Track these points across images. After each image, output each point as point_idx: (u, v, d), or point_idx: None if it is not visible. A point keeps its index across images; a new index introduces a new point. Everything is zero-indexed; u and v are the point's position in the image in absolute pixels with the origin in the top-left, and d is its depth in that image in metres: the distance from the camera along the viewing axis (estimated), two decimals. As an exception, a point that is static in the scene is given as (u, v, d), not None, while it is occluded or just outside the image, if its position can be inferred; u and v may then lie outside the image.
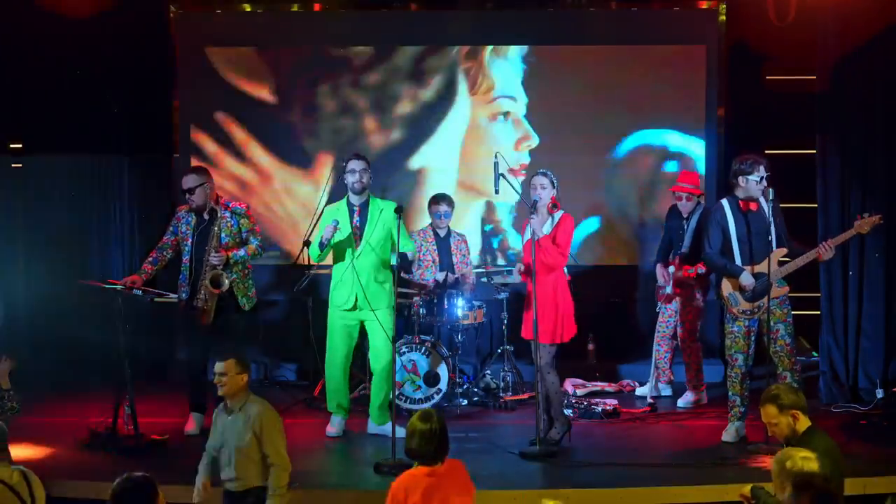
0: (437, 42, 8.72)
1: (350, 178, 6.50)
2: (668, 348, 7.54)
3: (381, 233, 6.47)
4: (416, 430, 4.28)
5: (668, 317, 7.49)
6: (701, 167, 8.56)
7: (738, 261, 6.30)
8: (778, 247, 6.21)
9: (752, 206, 6.27)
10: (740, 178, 6.26)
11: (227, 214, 6.57)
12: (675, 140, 8.63)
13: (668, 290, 7.38)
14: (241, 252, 6.56)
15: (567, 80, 8.65)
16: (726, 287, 6.36)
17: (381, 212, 6.48)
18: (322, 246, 6.38)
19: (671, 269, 7.35)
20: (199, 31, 8.71)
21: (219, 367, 4.82)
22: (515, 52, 8.72)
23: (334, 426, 6.62)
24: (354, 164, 6.51)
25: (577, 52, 8.64)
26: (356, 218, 6.51)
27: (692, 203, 7.37)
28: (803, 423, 4.47)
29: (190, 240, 6.58)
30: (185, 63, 8.70)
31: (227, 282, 6.47)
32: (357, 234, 6.48)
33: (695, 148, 8.62)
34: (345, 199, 6.60)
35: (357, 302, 6.44)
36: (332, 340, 6.58)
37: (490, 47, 8.72)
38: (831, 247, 6.18)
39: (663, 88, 8.57)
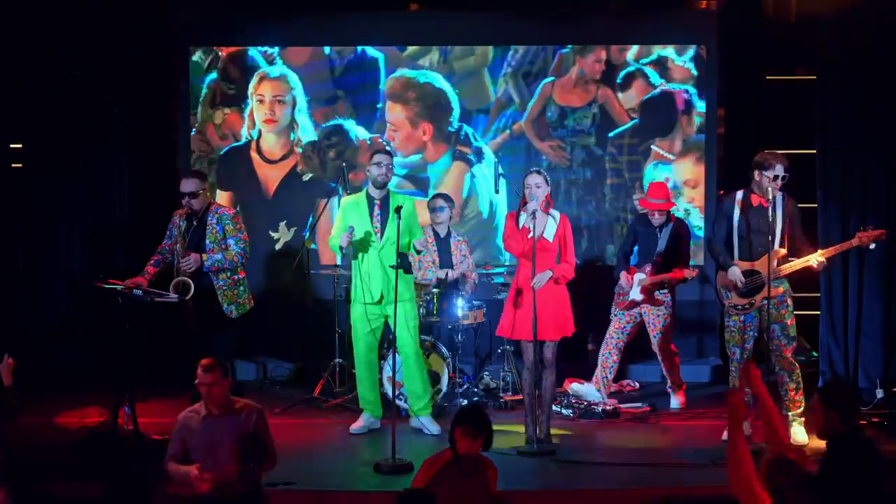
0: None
1: (375, 171, 6.40)
2: (617, 358, 7.34)
3: (401, 227, 6.42)
4: None
5: (624, 323, 7.35)
6: (701, 167, 8.58)
7: (736, 254, 6.28)
8: (780, 247, 6.17)
9: (763, 203, 6.18)
10: (756, 172, 6.19)
11: (214, 220, 6.58)
12: (674, 140, 8.62)
13: (635, 296, 7.20)
14: (219, 256, 6.52)
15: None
16: (720, 280, 6.37)
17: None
18: (341, 250, 6.41)
19: (640, 276, 7.19)
20: (202, 29, 8.71)
21: (206, 377, 4.66)
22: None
23: (362, 421, 6.64)
24: (381, 157, 6.42)
25: (576, 51, 8.64)
26: (377, 212, 6.46)
27: (664, 217, 7.23)
28: None
29: (179, 244, 6.59)
30: (185, 61, 8.69)
31: (192, 290, 6.44)
32: (378, 229, 6.45)
33: (694, 148, 8.61)
34: (364, 193, 6.53)
35: (383, 296, 6.42)
36: (357, 337, 6.58)
37: (490, 48, 8.72)
38: (822, 260, 6.11)
39: (663, 88, 8.56)
